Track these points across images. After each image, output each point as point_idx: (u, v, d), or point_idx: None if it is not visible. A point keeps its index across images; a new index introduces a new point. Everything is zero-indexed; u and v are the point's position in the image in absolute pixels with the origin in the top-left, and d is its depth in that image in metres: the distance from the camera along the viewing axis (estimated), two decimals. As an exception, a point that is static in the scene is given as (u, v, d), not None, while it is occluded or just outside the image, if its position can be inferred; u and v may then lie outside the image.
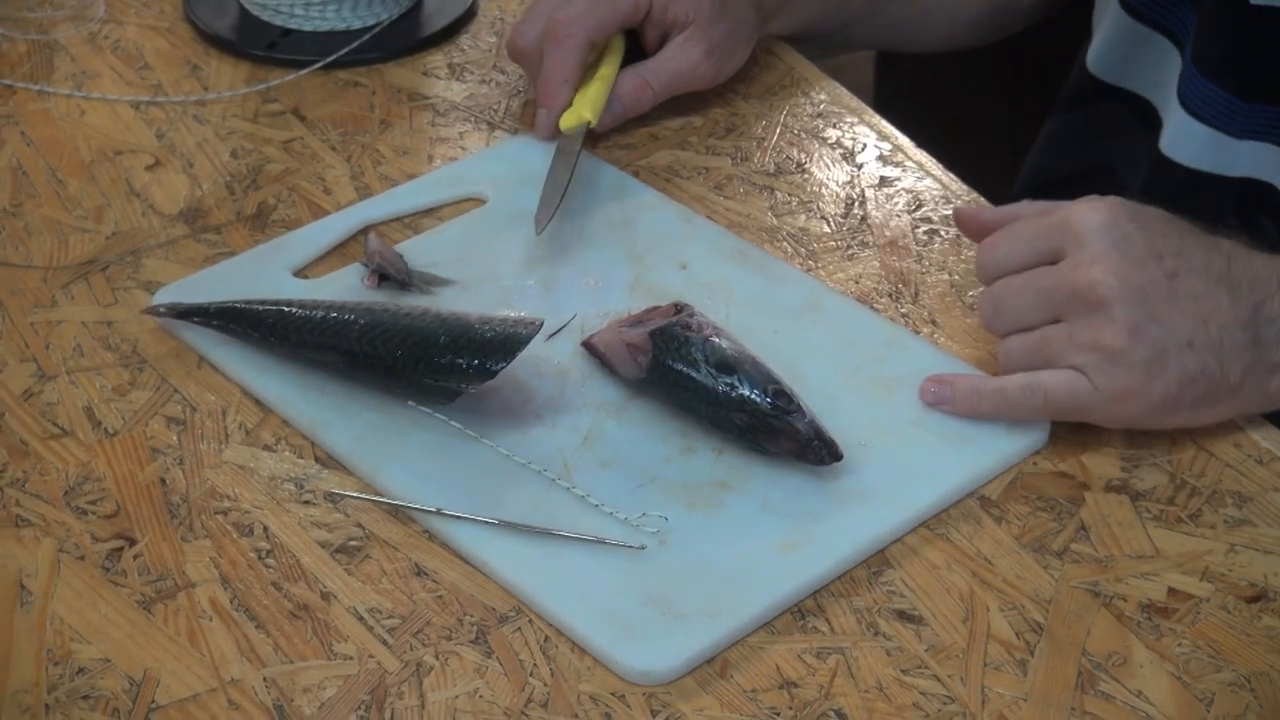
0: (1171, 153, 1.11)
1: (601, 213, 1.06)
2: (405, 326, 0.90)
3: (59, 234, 1.05)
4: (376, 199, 1.08)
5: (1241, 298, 0.88)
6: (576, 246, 1.04)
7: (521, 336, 0.89)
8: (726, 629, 0.80)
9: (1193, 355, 0.87)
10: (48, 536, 0.85)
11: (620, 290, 1.00)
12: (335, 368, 0.92)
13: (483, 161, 1.12)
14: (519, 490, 0.87)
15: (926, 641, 0.81)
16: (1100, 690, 0.78)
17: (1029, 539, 0.86)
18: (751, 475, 0.88)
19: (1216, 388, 0.88)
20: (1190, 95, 1.09)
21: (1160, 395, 0.87)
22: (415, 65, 1.23)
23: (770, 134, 1.15)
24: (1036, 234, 0.90)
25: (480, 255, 1.03)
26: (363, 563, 0.84)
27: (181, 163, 1.12)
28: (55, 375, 0.95)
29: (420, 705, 0.77)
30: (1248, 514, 0.88)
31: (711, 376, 0.88)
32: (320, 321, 0.92)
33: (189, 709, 0.77)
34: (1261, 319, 0.88)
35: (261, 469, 0.89)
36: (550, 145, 1.10)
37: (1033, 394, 0.89)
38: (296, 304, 0.93)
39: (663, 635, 0.79)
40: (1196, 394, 0.88)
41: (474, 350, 0.88)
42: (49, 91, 1.18)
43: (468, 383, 0.88)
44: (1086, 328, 0.87)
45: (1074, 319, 0.88)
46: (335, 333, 0.91)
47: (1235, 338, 0.88)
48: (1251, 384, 0.89)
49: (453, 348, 0.89)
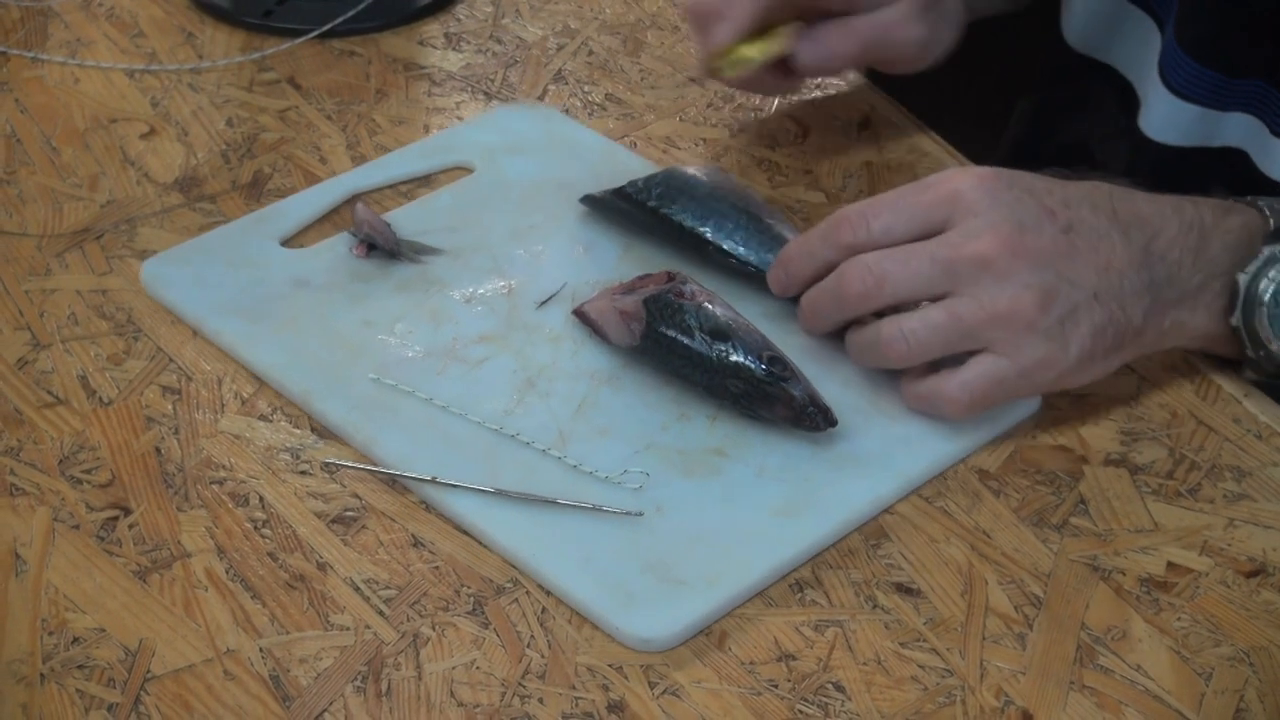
0: (1153, 132, 1.10)
1: (590, 180, 1.05)
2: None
3: (53, 202, 1.05)
4: (363, 168, 1.08)
5: (1132, 239, 0.87)
6: (565, 215, 1.03)
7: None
8: (726, 595, 0.80)
9: (1099, 307, 0.86)
10: (42, 505, 0.85)
11: (610, 259, 1.00)
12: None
13: (470, 130, 1.11)
14: (514, 459, 0.86)
15: (925, 615, 0.80)
16: (1099, 664, 0.78)
17: (1028, 512, 0.86)
18: (747, 442, 0.88)
19: (1122, 334, 0.87)
20: (1173, 74, 1.08)
21: (1076, 355, 0.86)
22: (411, 34, 1.22)
23: (768, 105, 1.15)
24: (918, 206, 0.87)
25: (469, 224, 1.02)
26: (359, 533, 0.84)
27: (176, 131, 1.11)
28: (50, 344, 0.94)
29: (417, 676, 0.77)
30: (1247, 489, 0.87)
31: (706, 343, 0.88)
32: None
33: (184, 679, 0.77)
34: (1153, 258, 0.88)
35: (257, 439, 0.89)
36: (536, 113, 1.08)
37: (964, 390, 0.87)
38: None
39: (662, 602, 0.79)
40: (1106, 344, 0.87)
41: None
42: (43, 59, 1.18)
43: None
44: (999, 297, 0.84)
45: (978, 290, 0.85)
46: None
47: (1132, 280, 0.87)
48: (1151, 325, 0.88)
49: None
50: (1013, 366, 0.86)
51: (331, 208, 1.04)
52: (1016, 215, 0.86)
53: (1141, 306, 0.87)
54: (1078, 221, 0.87)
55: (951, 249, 0.86)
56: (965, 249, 0.85)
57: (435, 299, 0.97)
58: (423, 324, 0.95)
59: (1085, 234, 0.87)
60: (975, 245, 0.85)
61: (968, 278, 0.85)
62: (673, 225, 0.98)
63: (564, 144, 1.10)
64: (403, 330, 0.94)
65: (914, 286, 0.86)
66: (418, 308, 0.96)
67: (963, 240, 0.86)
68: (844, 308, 0.89)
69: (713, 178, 0.99)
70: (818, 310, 0.91)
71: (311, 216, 1.03)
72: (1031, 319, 0.85)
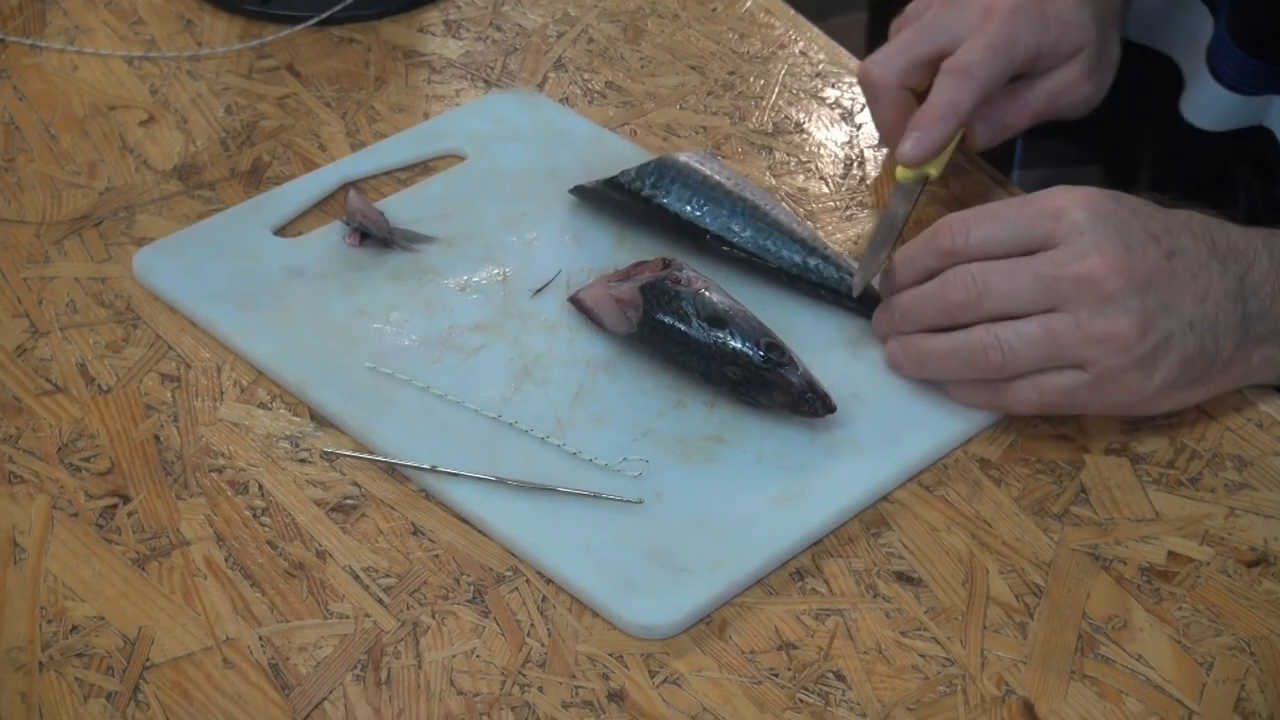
0: (1194, 118, 1.10)
1: (581, 168, 1.05)
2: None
3: (52, 189, 1.04)
4: (355, 156, 1.07)
5: (1229, 270, 0.87)
6: (557, 202, 1.03)
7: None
8: (728, 581, 0.80)
9: (1193, 337, 0.85)
10: (41, 493, 0.85)
11: (604, 245, 1.00)
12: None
13: (462, 118, 1.11)
14: (512, 447, 0.86)
15: (926, 604, 0.80)
16: (1100, 653, 0.78)
17: (1029, 501, 0.86)
18: (745, 428, 0.88)
19: (1210, 366, 0.87)
20: (1222, 66, 1.07)
21: (1159, 384, 0.85)
22: (411, 22, 1.22)
23: (769, 93, 1.15)
24: (1020, 219, 0.87)
25: (462, 212, 1.02)
26: (359, 521, 0.84)
27: (175, 118, 1.11)
28: (48, 331, 0.94)
29: (417, 665, 0.77)
30: (1248, 478, 0.87)
31: (703, 330, 0.88)
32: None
33: (184, 667, 0.77)
34: (1247, 291, 0.87)
35: (256, 427, 0.89)
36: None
37: (1034, 389, 0.86)
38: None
39: (664, 589, 0.79)
40: (1192, 376, 0.86)
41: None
42: (41, 46, 1.17)
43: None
44: (1097, 319, 0.84)
45: (1078, 309, 0.84)
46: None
47: (1228, 312, 0.86)
48: (1239, 359, 0.88)
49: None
50: (1091, 383, 0.85)
51: (324, 196, 1.04)
52: (1123, 237, 0.85)
53: (1233, 340, 0.87)
54: (1179, 249, 0.86)
55: (1056, 267, 0.85)
56: (1070, 268, 0.84)
57: (430, 287, 0.96)
58: (417, 312, 0.95)
59: (1186, 261, 0.86)
60: (1081, 265, 0.84)
61: (1070, 297, 0.84)
62: (668, 214, 0.98)
63: (554, 131, 1.09)
64: (398, 319, 0.94)
65: (1016, 301, 0.85)
66: (412, 296, 0.96)
67: (1068, 259, 0.85)
68: (942, 314, 0.88)
69: (706, 165, 0.99)
70: (914, 312, 0.89)
71: (304, 205, 1.03)
72: (1127, 344, 0.84)
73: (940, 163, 1.00)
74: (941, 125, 0.98)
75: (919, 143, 0.98)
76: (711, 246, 0.97)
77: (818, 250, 0.95)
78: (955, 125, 0.99)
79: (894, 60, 1.02)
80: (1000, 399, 0.88)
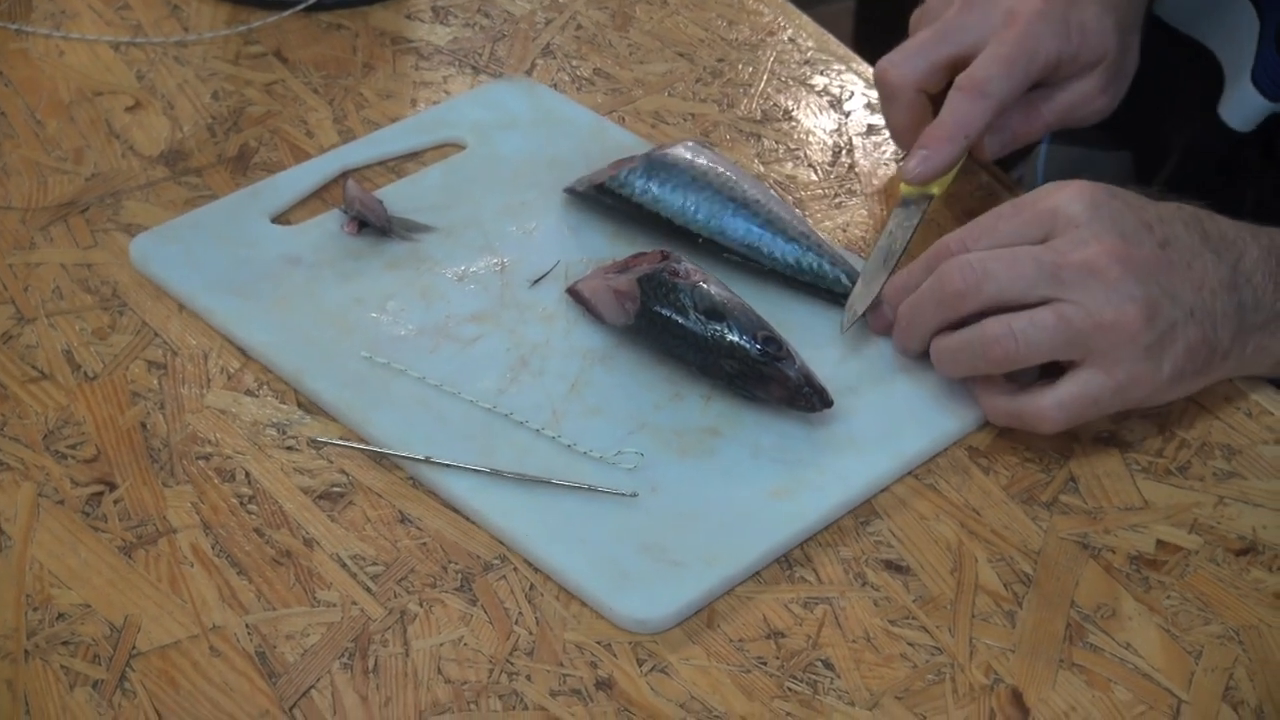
0: (1231, 120, 1.09)
1: (580, 158, 1.05)
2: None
3: (38, 175, 1.04)
4: (355, 144, 1.07)
5: (1222, 259, 0.87)
6: (557, 192, 1.03)
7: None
8: (723, 575, 0.80)
9: (1195, 325, 0.85)
10: (27, 480, 0.84)
11: (603, 237, 0.99)
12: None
13: (462, 106, 1.11)
14: (507, 438, 0.86)
15: (914, 592, 0.80)
16: (1088, 642, 0.78)
17: (1017, 490, 0.86)
18: (741, 422, 0.88)
19: (1211, 355, 0.87)
20: (1264, 77, 1.06)
21: (1169, 373, 0.85)
22: (399, 8, 1.21)
23: (758, 81, 1.14)
24: (1016, 224, 0.87)
25: (460, 201, 1.02)
26: (346, 509, 0.83)
27: (162, 104, 1.10)
28: (34, 318, 0.93)
29: (404, 653, 0.77)
30: (1237, 466, 0.87)
31: (700, 323, 0.88)
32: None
33: (170, 655, 0.76)
34: (1240, 279, 0.87)
35: (244, 414, 0.88)
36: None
37: (1060, 410, 0.85)
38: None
39: (660, 582, 0.79)
40: (1196, 365, 0.86)
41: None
42: (27, 31, 1.17)
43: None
44: (1105, 306, 0.83)
45: (1084, 296, 0.84)
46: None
47: (1223, 301, 0.86)
48: (1237, 348, 0.88)
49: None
50: (1109, 382, 0.84)
51: (323, 184, 1.03)
52: (1119, 226, 0.85)
53: (1230, 329, 0.87)
54: (1173, 238, 0.86)
55: (1057, 254, 0.84)
56: (1072, 255, 0.84)
57: (427, 277, 0.96)
58: (414, 302, 0.94)
59: (1181, 250, 0.86)
60: (1082, 252, 0.84)
61: (1073, 283, 0.84)
62: (660, 220, 0.97)
63: (555, 120, 1.09)
64: (394, 308, 0.94)
65: (1016, 287, 0.85)
66: (409, 286, 0.95)
67: (1069, 247, 0.85)
68: (943, 307, 0.87)
69: (696, 156, 0.98)
70: (916, 313, 0.89)
71: (302, 193, 1.02)
72: (1135, 331, 0.84)
73: (945, 181, 1.00)
74: (951, 145, 0.98)
75: (925, 161, 0.98)
76: (706, 249, 0.96)
77: (812, 248, 0.95)
78: (965, 146, 0.98)
79: (912, 62, 1.00)
80: (1027, 424, 0.86)
